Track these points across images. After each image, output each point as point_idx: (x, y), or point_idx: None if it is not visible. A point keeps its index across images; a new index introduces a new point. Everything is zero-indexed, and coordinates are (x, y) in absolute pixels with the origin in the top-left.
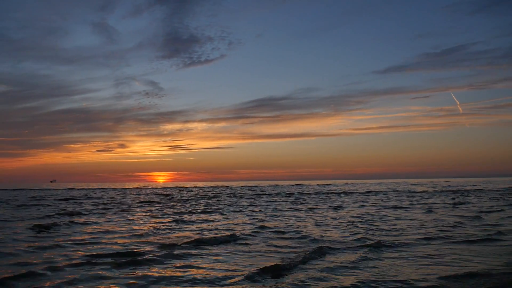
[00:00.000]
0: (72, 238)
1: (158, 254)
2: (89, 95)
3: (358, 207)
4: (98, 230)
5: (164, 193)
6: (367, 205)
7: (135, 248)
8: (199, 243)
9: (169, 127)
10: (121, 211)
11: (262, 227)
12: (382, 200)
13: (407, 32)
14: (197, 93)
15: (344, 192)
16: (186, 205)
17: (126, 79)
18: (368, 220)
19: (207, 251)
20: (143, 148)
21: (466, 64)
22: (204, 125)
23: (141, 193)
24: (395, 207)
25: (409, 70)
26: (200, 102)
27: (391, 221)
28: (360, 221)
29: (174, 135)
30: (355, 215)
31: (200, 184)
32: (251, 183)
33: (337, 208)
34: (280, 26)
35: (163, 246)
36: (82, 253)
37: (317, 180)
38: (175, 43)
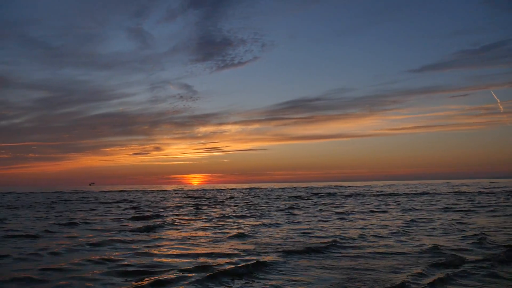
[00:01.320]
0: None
1: None
2: (126, 100)
3: (440, 210)
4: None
5: (230, 195)
6: (443, 206)
7: None
8: None
9: (203, 129)
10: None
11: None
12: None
13: (444, 29)
14: (231, 96)
15: (394, 194)
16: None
17: (161, 83)
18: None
19: None
20: (177, 150)
21: (506, 60)
22: (237, 127)
23: (206, 195)
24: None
25: (446, 68)
26: (234, 105)
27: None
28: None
29: (208, 138)
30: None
31: (244, 186)
32: (293, 184)
33: (408, 210)
34: (313, 26)
35: None
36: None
37: (351, 181)
38: (208, 46)
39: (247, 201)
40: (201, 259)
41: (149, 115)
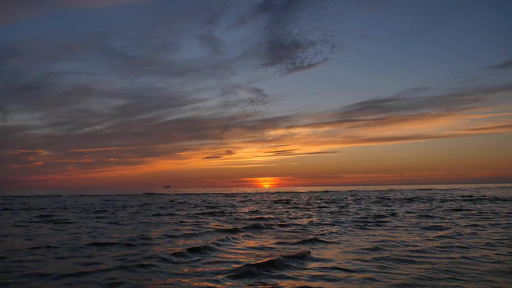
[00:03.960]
0: None
1: None
2: (198, 105)
3: None
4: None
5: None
6: None
7: None
8: None
9: (273, 133)
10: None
11: None
12: None
13: None
14: (301, 98)
15: (482, 198)
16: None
17: (232, 88)
18: None
19: None
20: (248, 154)
21: None
22: (308, 130)
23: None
24: None
25: None
26: (304, 107)
27: None
28: None
29: (279, 141)
30: None
31: (318, 188)
32: (367, 188)
33: None
34: (385, 25)
35: None
36: None
37: (429, 184)
38: (278, 50)
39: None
40: None
41: (221, 119)
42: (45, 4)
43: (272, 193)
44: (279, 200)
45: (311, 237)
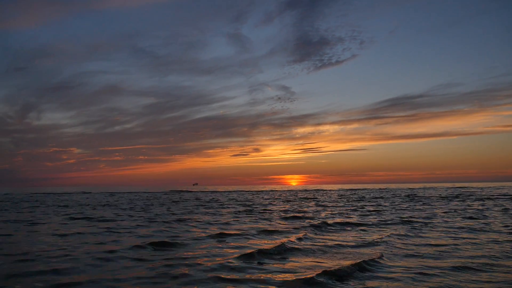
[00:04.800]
0: None
1: None
2: (226, 103)
3: None
4: None
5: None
6: None
7: None
8: None
9: (301, 130)
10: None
11: None
12: None
13: None
14: (329, 95)
15: None
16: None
17: (259, 86)
18: None
19: None
20: (276, 151)
21: None
22: (336, 127)
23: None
24: None
25: None
26: (332, 104)
27: None
28: None
29: (306, 138)
30: None
31: (347, 186)
32: (399, 186)
33: None
34: (415, 20)
35: None
36: None
37: (461, 182)
38: (305, 46)
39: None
40: None
41: (248, 117)
42: (75, 5)
43: (308, 190)
44: (315, 197)
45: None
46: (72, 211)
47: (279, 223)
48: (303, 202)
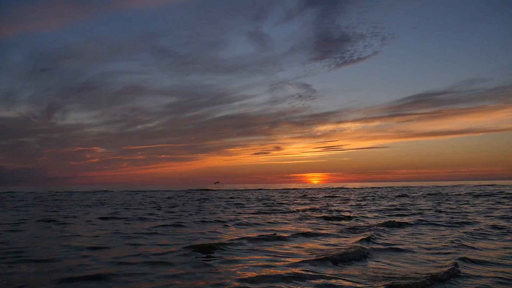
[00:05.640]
0: None
1: None
2: (246, 101)
3: None
4: None
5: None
6: None
7: None
8: None
9: (322, 128)
10: None
11: None
12: None
13: None
14: (350, 93)
15: None
16: None
17: (280, 84)
18: None
19: None
20: (297, 150)
21: None
22: (357, 125)
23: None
24: None
25: None
26: (353, 102)
27: None
28: None
29: (327, 136)
30: None
31: (370, 184)
32: (423, 184)
33: None
34: (438, 14)
35: None
36: None
37: (487, 180)
38: (326, 44)
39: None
40: None
41: (269, 115)
42: (98, 6)
43: (336, 188)
44: (345, 196)
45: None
46: (112, 209)
47: (336, 224)
48: (339, 201)
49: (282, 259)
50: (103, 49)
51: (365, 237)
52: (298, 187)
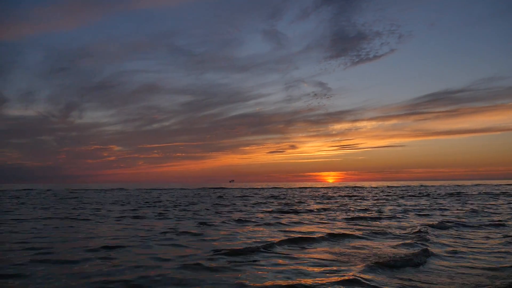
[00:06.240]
0: None
1: None
2: (261, 100)
3: None
4: None
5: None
6: None
7: None
8: None
9: (337, 127)
10: None
11: None
12: None
13: None
14: (366, 91)
15: None
16: None
17: (295, 82)
18: None
19: None
20: (312, 148)
21: None
22: (373, 123)
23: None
24: None
25: None
26: (369, 100)
27: None
28: None
29: (343, 135)
30: None
31: (387, 183)
32: (443, 183)
33: None
34: (455, 11)
35: None
36: None
37: (506, 179)
38: (342, 42)
39: None
40: None
41: (284, 114)
42: (114, 6)
43: (353, 187)
44: (365, 194)
45: None
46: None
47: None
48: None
49: (330, 264)
50: (119, 48)
51: (409, 241)
52: (314, 186)
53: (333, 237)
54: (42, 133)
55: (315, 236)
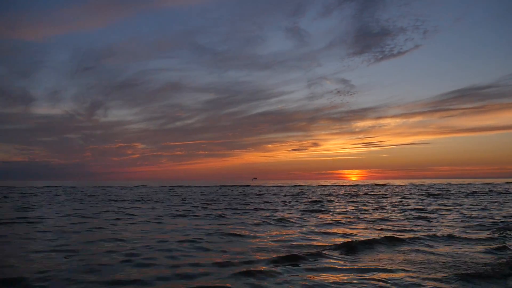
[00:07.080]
0: None
1: None
2: (284, 97)
3: None
4: None
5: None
6: None
7: None
8: None
9: (361, 124)
10: None
11: None
12: None
13: None
14: (390, 88)
15: None
16: None
17: (318, 79)
18: None
19: None
20: (335, 146)
21: None
22: (397, 120)
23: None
24: None
25: None
26: (393, 97)
27: None
28: None
29: (366, 132)
30: None
31: (414, 181)
32: (472, 181)
33: None
34: (482, 5)
35: None
36: None
37: None
38: (366, 38)
39: None
40: None
41: (307, 111)
42: (138, 5)
43: (380, 185)
44: (395, 192)
45: None
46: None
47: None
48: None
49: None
50: (143, 47)
51: (497, 246)
52: (338, 184)
53: (388, 240)
54: (68, 131)
55: (365, 238)
